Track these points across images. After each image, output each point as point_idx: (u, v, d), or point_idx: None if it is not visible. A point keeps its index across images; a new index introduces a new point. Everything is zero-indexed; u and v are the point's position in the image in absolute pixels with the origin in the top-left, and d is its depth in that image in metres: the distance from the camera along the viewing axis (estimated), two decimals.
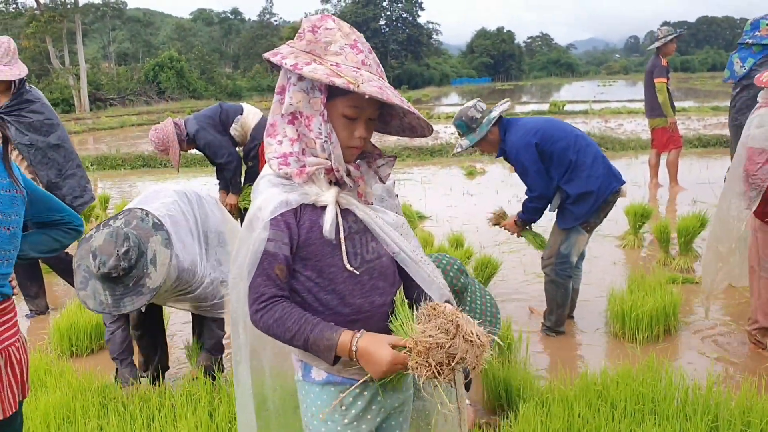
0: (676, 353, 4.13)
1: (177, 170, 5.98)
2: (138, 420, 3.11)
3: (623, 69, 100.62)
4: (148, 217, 3.13)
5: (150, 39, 69.54)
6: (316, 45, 1.65)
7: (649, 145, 13.43)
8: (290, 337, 1.65)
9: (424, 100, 37.40)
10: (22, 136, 4.69)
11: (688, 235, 5.73)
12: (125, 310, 3.04)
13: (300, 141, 1.69)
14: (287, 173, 1.68)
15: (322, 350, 1.63)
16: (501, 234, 7.03)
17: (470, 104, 4.31)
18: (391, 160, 1.83)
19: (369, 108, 1.71)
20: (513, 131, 4.23)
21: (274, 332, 1.67)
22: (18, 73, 4.56)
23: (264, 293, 1.67)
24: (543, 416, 2.98)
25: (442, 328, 1.55)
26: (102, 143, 18.66)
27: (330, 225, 1.68)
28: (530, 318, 4.72)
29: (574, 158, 4.14)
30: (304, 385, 1.84)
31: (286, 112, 1.68)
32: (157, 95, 44.15)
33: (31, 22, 40.36)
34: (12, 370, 2.00)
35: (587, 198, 4.16)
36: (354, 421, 1.80)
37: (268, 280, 1.67)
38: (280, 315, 1.65)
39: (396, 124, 1.85)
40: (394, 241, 1.79)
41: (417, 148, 13.95)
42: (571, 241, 4.28)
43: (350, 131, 1.71)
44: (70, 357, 4.33)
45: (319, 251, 1.71)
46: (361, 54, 1.66)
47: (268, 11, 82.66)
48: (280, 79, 1.71)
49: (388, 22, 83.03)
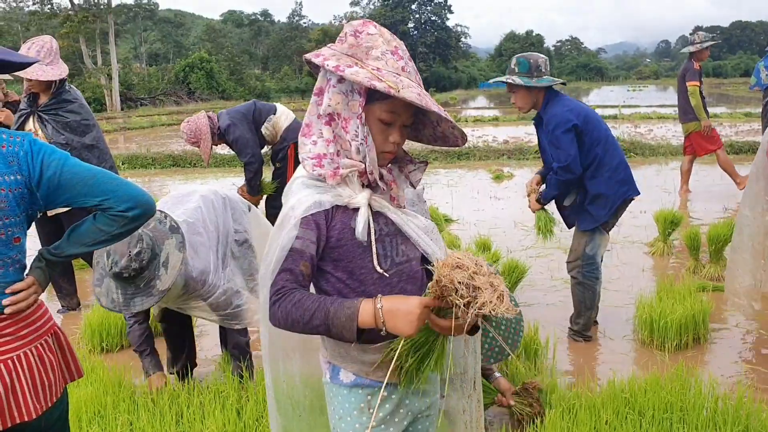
0: (706, 362, 4.08)
1: (207, 164, 6.04)
2: (167, 416, 3.16)
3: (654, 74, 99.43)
4: (166, 219, 3.18)
5: (181, 40, 70.29)
6: (358, 49, 1.67)
7: (679, 152, 13.34)
8: (309, 317, 1.61)
9: (452, 102, 37.31)
10: (58, 135, 4.77)
11: (718, 243, 5.65)
12: (135, 310, 3.09)
13: (335, 143, 1.70)
14: (321, 174, 1.69)
15: (344, 322, 1.59)
16: (528, 238, 7.02)
17: (542, 56, 4.22)
18: (422, 165, 1.85)
19: (404, 114, 1.73)
20: (557, 104, 4.17)
21: (293, 317, 1.62)
22: (59, 73, 4.63)
23: (285, 286, 1.66)
24: (569, 422, 2.97)
25: (463, 264, 1.54)
26: (133, 142, 18.92)
27: (362, 227, 1.69)
28: (558, 323, 4.70)
29: (601, 155, 4.12)
30: (332, 388, 1.85)
31: (323, 113, 1.70)
32: (187, 95, 44.56)
33: (65, 22, 41.04)
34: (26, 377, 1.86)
35: (604, 201, 4.16)
36: (381, 424, 1.81)
37: (291, 275, 1.66)
38: (298, 298, 1.63)
39: (428, 132, 1.87)
40: (426, 244, 1.81)
41: (444, 151, 13.92)
42: (595, 242, 4.26)
43: (385, 136, 1.73)
44: (100, 353, 4.40)
45: (350, 253, 1.72)
46: (401, 61, 1.68)
47: (297, 13, 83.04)
48: (319, 81, 1.72)
49: (417, 25, 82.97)
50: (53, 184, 1.86)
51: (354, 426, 1.81)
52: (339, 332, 1.60)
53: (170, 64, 54.65)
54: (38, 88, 4.75)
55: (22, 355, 1.86)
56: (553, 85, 4.21)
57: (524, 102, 4.25)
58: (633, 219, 7.70)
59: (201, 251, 3.32)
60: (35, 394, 1.88)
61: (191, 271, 3.22)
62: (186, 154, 14.34)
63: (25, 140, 1.83)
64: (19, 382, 1.84)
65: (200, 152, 5.71)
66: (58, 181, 1.86)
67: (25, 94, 4.85)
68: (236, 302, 3.46)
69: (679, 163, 12.19)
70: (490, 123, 21.87)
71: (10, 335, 1.85)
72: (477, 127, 20.19)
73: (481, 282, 1.50)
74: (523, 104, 4.26)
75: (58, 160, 1.87)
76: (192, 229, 3.32)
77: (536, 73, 4.14)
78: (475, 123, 21.89)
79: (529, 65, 4.15)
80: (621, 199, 4.20)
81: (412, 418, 1.88)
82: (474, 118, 23.14)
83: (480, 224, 7.69)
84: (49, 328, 1.97)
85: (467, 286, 1.50)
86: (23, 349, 1.87)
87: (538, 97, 4.21)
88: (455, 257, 1.56)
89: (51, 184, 1.86)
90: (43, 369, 1.92)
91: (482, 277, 1.52)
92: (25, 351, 1.88)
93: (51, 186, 1.86)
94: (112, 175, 1.95)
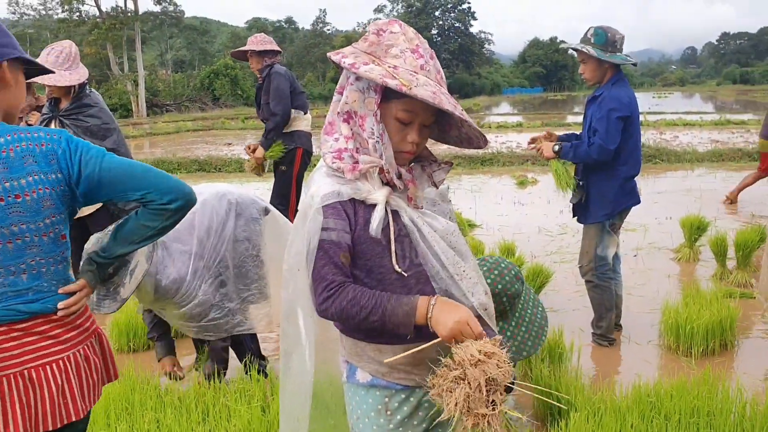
0: (733, 368, 4.03)
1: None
2: (193, 414, 3.19)
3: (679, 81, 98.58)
4: None
5: (206, 47, 70.97)
6: (378, 47, 1.68)
7: (706, 158, 13.22)
8: (366, 314, 1.65)
9: (475, 109, 37.25)
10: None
11: (746, 249, 5.59)
12: (103, 312, 3.13)
13: (354, 139, 1.71)
14: (340, 168, 1.69)
15: (401, 318, 1.64)
16: (552, 244, 7.00)
17: (621, 33, 4.13)
18: (446, 166, 1.83)
19: (423, 114, 1.71)
20: (624, 86, 4.15)
21: (348, 313, 1.66)
22: (78, 78, 4.67)
23: (334, 280, 1.67)
24: (594, 426, 2.95)
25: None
26: (158, 147, 19.14)
27: (377, 223, 1.68)
28: (582, 327, 4.67)
29: (624, 164, 4.13)
30: (350, 387, 1.86)
31: (341, 111, 1.71)
32: (211, 102, 44.98)
33: (93, 29, 41.72)
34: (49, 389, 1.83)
35: (606, 203, 4.17)
36: (399, 427, 1.80)
37: (335, 267, 1.68)
38: (353, 295, 1.66)
39: (454, 134, 1.85)
40: (433, 250, 1.75)
41: (467, 156, 13.91)
42: (605, 243, 4.25)
43: (402, 135, 1.72)
44: (128, 352, 4.46)
45: (369, 250, 1.71)
46: (421, 59, 1.67)
47: (321, 20, 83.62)
48: (341, 80, 1.74)
49: (440, 32, 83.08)
50: (93, 182, 1.84)
51: (372, 427, 1.81)
52: (395, 328, 1.66)
53: (195, 71, 55.26)
54: (59, 93, 4.81)
55: (71, 356, 1.88)
56: (623, 65, 4.17)
57: (592, 74, 4.19)
58: (659, 225, 7.65)
59: (179, 259, 3.32)
60: (82, 395, 1.91)
61: (161, 280, 3.24)
62: (211, 159, 14.49)
63: (62, 138, 1.84)
64: (68, 384, 1.86)
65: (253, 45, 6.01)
66: (98, 179, 1.84)
67: (47, 98, 4.93)
68: (212, 314, 3.42)
69: (705, 170, 12.13)
70: (514, 129, 21.83)
71: (60, 337, 1.86)
72: (500, 133, 20.15)
73: (472, 376, 1.56)
74: (590, 76, 4.21)
75: (95, 156, 1.85)
76: (174, 236, 3.32)
77: (611, 48, 4.08)
78: (499, 129, 21.86)
79: (606, 38, 4.08)
80: (622, 207, 4.24)
81: (430, 421, 1.85)
82: (497, 124, 23.12)
83: (504, 229, 7.67)
84: (93, 330, 1.99)
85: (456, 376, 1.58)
86: (72, 351, 1.89)
87: (606, 72, 4.16)
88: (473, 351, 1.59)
89: (91, 182, 1.84)
90: (88, 370, 1.94)
91: (476, 371, 1.56)
92: (74, 352, 1.89)
93: (91, 183, 1.84)
94: (150, 168, 1.93)
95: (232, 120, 30.95)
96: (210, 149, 18.05)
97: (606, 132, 4.02)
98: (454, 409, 1.55)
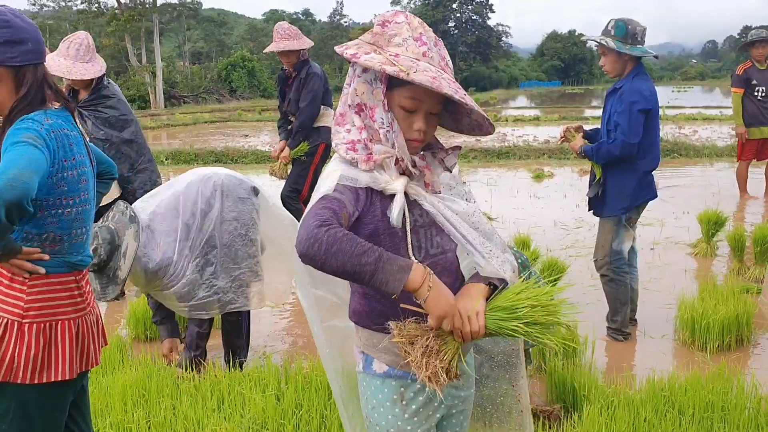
0: (749, 363, 4.01)
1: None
2: (209, 401, 3.23)
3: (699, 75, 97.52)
4: (127, 210, 3.37)
5: (223, 39, 71.07)
6: (381, 37, 1.70)
7: (725, 153, 13.09)
8: (361, 252, 1.52)
9: (492, 102, 37.09)
10: (98, 130, 4.86)
11: (764, 244, 5.54)
12: (108, 298, 3.36)
13: (366, 130, 1.72)
14: (354, 159, 1.70)
15: (395, 270, 1.54)
16: (567, 237, 6.98)
17: (642, 25, 4.12)
18: (456, 150, 1.84)
19: (428, 101, 1.72)
20: (645, 80, 4.13)
21: (341, 246, 1.51)
22: (98, 70, 4.71)
23: (331, 218, 1.57)
24: (608, 419, 2.95)
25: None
26: (176, 139, 19.23)
27: (398, 212, 1.68)
28: (596, 321, 4.66)
29: (643, 158, 4.10)
30: (365, 378, 1.86)
31: (352, 103, 1.72)
32: (228, 94, 45.07)
33: (111, 21, 41.86)
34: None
35: (624, 194, 4.15)
36: (414, 417, 1.81)
37: (335, 217, 1.59)
38: (350, 234, 1.55)
39: (467, 122, 1.86)
40: (459, 232, 1.76)
41: (483, 149, 13.87)
42: (621, 237, 4.23)
43: (409, 123, 1.73)
44: (144, 341, 4.51)
45: (384, 242, 1.71)
46: (423, 46, 1.69)
47: (338, 12, 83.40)
48: (349, 73, 1.76)
49: (458, 24, 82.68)
50: None
51: (387, 417, 1.82)
52: (385, 278, 1.53)
53: (213, 63, 55.33)
54: (79, 85, 4.86)
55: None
56: (644, 58, 4.15)
57: (613, 67, 4.18)
58: (675, 220, 7.59)
59: (164, 241, 3.44)
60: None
61: (147, 262, 3.38)
62: (228, 151, 14.55)
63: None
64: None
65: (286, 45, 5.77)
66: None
67: (66, 90, 4.97)
68: (201, 294, 3.52)
69: (724, 164, 12.02)
70: (531, 123, 21.71)
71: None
72: (517, 127, 20.06)
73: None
74: (611, 69, 4.20)
75: (7, 142, 1.86)
76: (159, 219, 3.47)
77: (631, 40, 4.06)
78: (516, 123, 21.76)
79: (626, 30, 4.06)
80: (640, 201, 4.22)
81: (446, 410, 1.88)
82: (514, 118, 23.00)
83: (519, 223, 7.66)
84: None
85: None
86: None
87: (626, 65, 4.14)
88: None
89: None
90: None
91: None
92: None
93: None
94: (5, 170, 1.75)
95: (249, 112, 31.00)
96: (227, 141, 18.12)
97: (628, 126, 4.00)
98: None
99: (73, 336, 2.05)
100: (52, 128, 1.93)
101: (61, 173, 1.95)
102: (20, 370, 1.95)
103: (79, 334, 2.08)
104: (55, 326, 2.01)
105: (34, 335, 1.97)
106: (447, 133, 1.92)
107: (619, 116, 4.07)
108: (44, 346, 1.98)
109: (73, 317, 2.05)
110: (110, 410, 3.19)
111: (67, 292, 2.04)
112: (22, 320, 1.96)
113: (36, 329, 1.97)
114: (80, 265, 2.09)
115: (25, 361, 1.95)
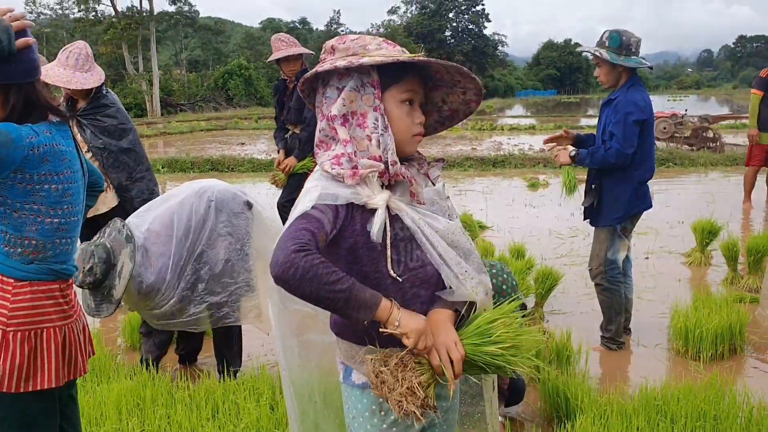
0: (741, 372, 4.03)
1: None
2: (203, 411, 3.23)
3: (695, 83, 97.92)
4: (123, 228, 3.37)
5: (220, 47, 71.11)
6: (352, 49, 1.72)
7: (720, 162, 13.15)
8: (336, 279, 1.55)
9: (488, 111, 37.21)
10: (96, 139, 4.86)
11: (757, 254, 5.57)
12: (102, 315, 3.35)
13: (352, 143, 1.70)
14: (339, 173, 1.68)
15: (366, 299, 1.58)
16: (562, 246, 7.00)
17: (636, 36, 4.14)
18: (438, 163, 1.85)
19: (419, 93, 1.77)
20: (640, 90, 4.15)
21: (315, 273, 1.53)
22: (97, 79, 4.71)
23: (310, 243, 1.57)
24: (600, 428, 2.96)
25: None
26: (172, 147, 19.25)
27: (378, 228, 1.67)
28: (590, 330, 4.68)
29: (638, 168, 4.13)
30: (346, 388, 1.87)
31: (338, 114, 1.70)
32: (225, 102, 45.16)
33: (108, 29, 41.97)
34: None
35: (619, 204, 4.16)
36: (393, 427, 1.80)
37: (313, 239, 1.59)
38: (326, 262, 1.56)
39: (434, 118, 1.89)
40: (437, 251, 1.75)
41: (479, 158, 13.92)
42: (616, 246, 4.25)
43: (411, 118, 1.75)
44: (139, 350, 4.50)
45: (364, 256, 1.71)
46: (396, 48, 1.75)
47: (335, 21, 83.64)
48: (318, 104, 1.77)
49: (454, 33, 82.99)
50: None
51: (366, 427, 1.82)
52: (357, 306, 1.58)
53: (210, 71, 55.38)
54: (77, 94, 4.87)
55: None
56: (638, 69, 4.18)
57: (607, 78, 4.21)
58: (670, 229, 7.63)
59: (158, 261, 3.44)
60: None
61: (141, 282, 3.38)
62: (224, 159, 14.57)
63: None
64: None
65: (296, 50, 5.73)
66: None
67: (64, 99, 4.97)
68: (192, 310, 3.53)
69: (719, 174, 12.07)
70: (527, 131, 21.81)
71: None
72: (513, 136, 20.15)
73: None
74: (605, 80, 4.23)
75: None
76: (153, 237, 3.45)
77: (626, 51, 4.09)
78: (511, 131, 21.86)
79: (620, 41, 4.10)
80: (635, 211, 4.24)
81: (428, 421, 1.82)
82: (510, 126, 23.11)
83: (514, 231, 7.69)
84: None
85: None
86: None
87: (621, 76, 4.18)
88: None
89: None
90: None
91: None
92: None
93: None
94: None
95: (246, 120, 31.06)
96: (223, 149, 18.16)
97: (623, 136, 4.03)
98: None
99: (59, 344, 2.06)
100: (42, 143, 1.95)
101: (44, 185, 1.97)
102: (5, 378, 1.96)
103: (66, 342, 2.09)
104: (40, 334, 2.02)
105: (18, 343, 1.98)
106: (442, 142, 1.93)
107: (614, 126, 4.10)
108: (29, 354, 1.99)
109: (59, 325, 2.07)
110: (105, 419, 3.19)
111: (52, 300, 2.06)
112: (6, 328, 1.97)
113: (21, 337, 1.98)
114: (64, 273, 2.10)
115: (10, 369, 1.96)
